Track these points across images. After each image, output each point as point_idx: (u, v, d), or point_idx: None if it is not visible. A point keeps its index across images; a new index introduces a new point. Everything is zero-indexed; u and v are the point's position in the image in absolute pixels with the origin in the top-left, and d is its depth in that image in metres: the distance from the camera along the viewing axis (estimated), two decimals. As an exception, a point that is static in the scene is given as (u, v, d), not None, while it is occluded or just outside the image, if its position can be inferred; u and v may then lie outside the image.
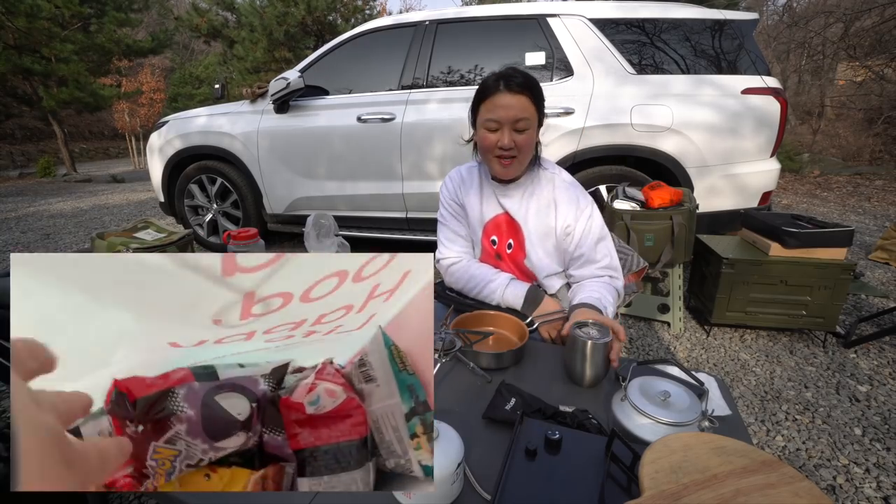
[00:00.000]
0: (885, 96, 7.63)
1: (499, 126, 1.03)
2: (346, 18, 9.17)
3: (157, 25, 16.59)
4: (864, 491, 1.27)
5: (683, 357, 1.98)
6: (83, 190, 7.33)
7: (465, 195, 1.22)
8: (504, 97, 1.01)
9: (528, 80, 1.03)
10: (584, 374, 0.85)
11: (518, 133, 1.03)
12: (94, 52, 9.79)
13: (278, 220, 3.16)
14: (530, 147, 1.07)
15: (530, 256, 1.15)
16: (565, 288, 1.21)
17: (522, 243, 1.16)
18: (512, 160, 1.06)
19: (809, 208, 4.81)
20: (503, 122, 1.02)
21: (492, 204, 1.19)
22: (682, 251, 2.03)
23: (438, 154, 2.69)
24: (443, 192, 1.26)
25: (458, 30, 2.75)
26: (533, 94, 1.03)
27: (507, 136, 1.03)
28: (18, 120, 13.01)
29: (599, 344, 0.83)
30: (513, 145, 1.03)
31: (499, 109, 1.02)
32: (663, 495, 0.47)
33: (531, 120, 1.03)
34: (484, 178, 1.20)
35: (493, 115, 1.03)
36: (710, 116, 2.38)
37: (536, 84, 1.04)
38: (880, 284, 2.72)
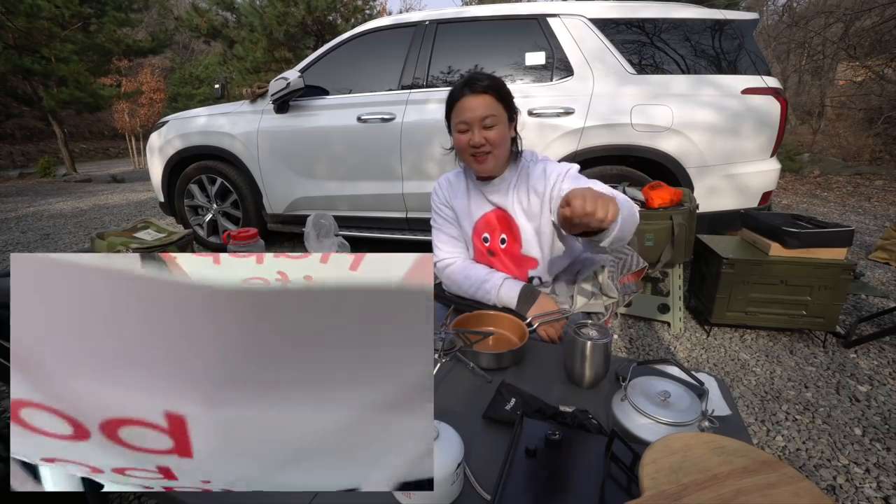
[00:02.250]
0: (885, 96, 7.63)
1: (468, 127, 1.10)
2: (346, 18, 9.18)
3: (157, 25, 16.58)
4: (864, 491, 1.27)
5: (683, 357, 1.98)
6: (83, 190, 7.33)
7: (453, 199, 1.27)
8: (469, 99, 1.08)
9: (491, 80, 1.09)
10: (584, 375, 0.85)
11: (487, 129, 1.08)
12: (94, 52, 9.79)
13: (278, 220, 3.16)
14: (502, 142, 1.11)
15: (527, 246, 1.18)
16: (563, 285, 1.22)
17: (517, 235, 1.18)
18: (487, 156, 1.11)
19: (809, 208, 4.81)
20: (471, 123, 1.09)
21: (480, 204, 1.22)
22: (682, 251, 2.03)
23: (438, 154, 2.69)
24: (433, 199, 1.31)
25: (458, 30, 2.75)
26: (497, 93, 1.09)
27: (478, 135, 1.09)
28: (18, 120, 13.01)
29: (599, 344, 0.83)
30: (483, 142, 1.09)
31: (465, 112, 1.09)
32: (663, 495, 0.47)
33: (498, 116, 1.09)
34: (470, 180, 1.24)
35: (461, 117, 1.10)
36: (711, 116, 2.38)
37: (500, 83, 1.11)
38: (880, 284, 2.72)
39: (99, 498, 1.06)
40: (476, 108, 1.07)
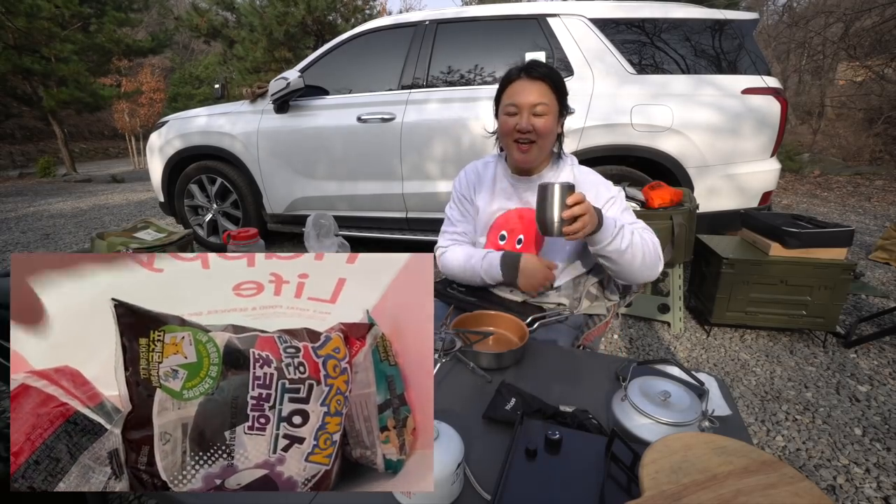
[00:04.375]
0: (885, 96, 7.63)
1: (518, 111, 1.06)
2: (346, 18, 9.18)
3: (157, 25, 16.59)
4: (864, 491, 1.27)
5: (683, 357, 1.98)
6: (83, 190, 7.33)
7: (478, 189, 1.23)
8: (524, 83, 1.05)
9: (549, 69, 1.07)
10: (553, 220, 0.91)
11: (536, 117, 1.05)
12: (94, 52, 9.80)
13: (278, 220, 3.16)
14: (549, 134, 1.08)
15: (547, 250, 1.15)
16: (571, 283, 1.19)
17: (539, 237, 1.15)
18: (530, 145, 1.08)
19: (809, 208, 4.81)
20: (522, 107, 1.05)
21: (504, 198, 1.19)
22: (682, 251, 2.03)
23: (438, 154, 2.69)
24: (456, 185, 1.27)
25: (458, 30, 2.75)
26: (553, 82, 1.06)
27: (525, 119, 1.05)
28: (18, 120, 13.02)
29: (566, 185, 0.90)
30: (531, 128, 1.05)
31: (518, 94, 1.06)
32: (664, 495, 0.47)
33: (550, 106, 1.06)
34: (500, 173, 1.21)
35: (512, 99, 1.06)
36: (711, 116, 2.38)
37: (558, 75, 1.08)
38: (880, 284, 2.72)
39: (99, 498, 1.06)
40: (529, 92, 1.04)
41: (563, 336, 1.10)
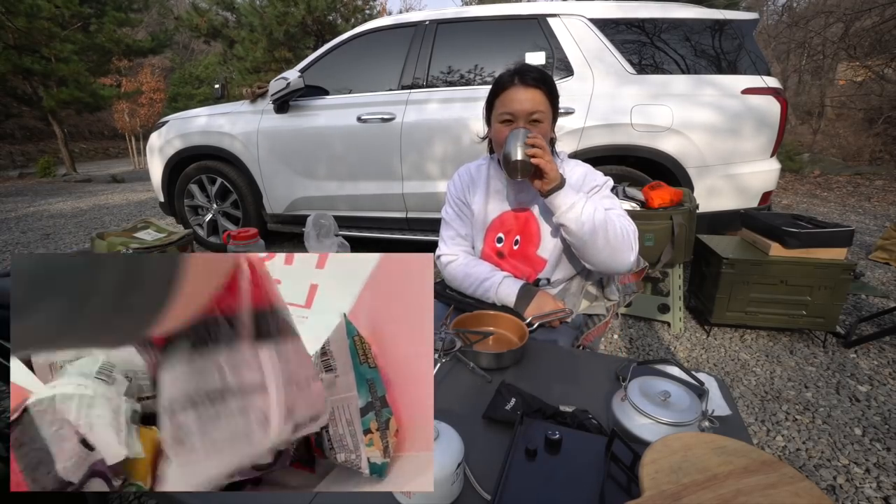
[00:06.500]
0: (885, 96, 7.63)
1: (513, 119, 1.05)
2: (346, 18, 9.18)
3: (157, 25, 16.60)
4: (864, 491, 1.27)
5: (683, 357, 1.98)
6: (83, 190, 7.33)
7: (472, 193, 1.22)
8: (519, 91, 1.03)
9: (542, 74, 1.05)
10: (518, 160, 0.97)
11: (533, 124, 1.04)
12: (94, 52, 9.80)
13: (278, 220, 3.16)
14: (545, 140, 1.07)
15: (543, 247, 1.15)
16: (571, 285, 1.20)
17: (535, 236, 1.15)
18: None
19: (809, 208, 4.81)
20: (518, 116, 1.04)
21: (499, 201, 1.19)
22: (682, 251, 2.03)
23: (438, 154, 2.69)
24: (450, 189, 1.26)
25: (458, 30, 2.75)
26: (547, 89, 1.05)
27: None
28: (18, 120, 13.01)
29: (527, 130, 0.97)
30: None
31: (513, 103, 1.03)
32: (663, 495, 0.47)
33: (545, 113, 1.05)
34: (493, 175, 1.20)
35: (507, 108, 1.04)
36: (711, 116, 2.38)
37: (551, 79, 1.07)
38: (880, 284, 2.72)
39: (99, 498, 1.06)
40: (525, 100, 1.02)
41: (562, 336, 1.10)
